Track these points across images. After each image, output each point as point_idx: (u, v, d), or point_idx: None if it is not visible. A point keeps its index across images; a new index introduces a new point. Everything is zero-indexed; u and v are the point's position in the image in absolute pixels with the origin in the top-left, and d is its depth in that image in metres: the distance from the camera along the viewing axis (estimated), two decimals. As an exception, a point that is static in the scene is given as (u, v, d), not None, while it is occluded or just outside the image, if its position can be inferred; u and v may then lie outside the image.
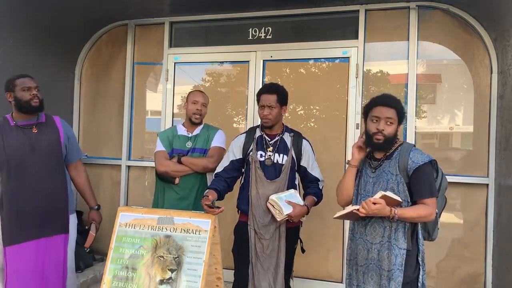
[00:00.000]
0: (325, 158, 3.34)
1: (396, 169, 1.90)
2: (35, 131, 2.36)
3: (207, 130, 2.79)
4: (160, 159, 2.67)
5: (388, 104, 1.94)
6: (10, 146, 2.29)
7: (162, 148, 2.72)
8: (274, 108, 2.38)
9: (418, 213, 1.82)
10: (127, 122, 4.06)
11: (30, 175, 2.30)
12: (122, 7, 3.83)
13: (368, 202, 1.75)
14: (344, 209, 1.94)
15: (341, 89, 3.51)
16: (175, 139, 2.74)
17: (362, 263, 1.96)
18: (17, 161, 2.28)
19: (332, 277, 3.47)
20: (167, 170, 2.62)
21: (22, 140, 2.32)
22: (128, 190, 4.08)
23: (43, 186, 2.33)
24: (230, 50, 3.76)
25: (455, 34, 3.27)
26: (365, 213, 1.78)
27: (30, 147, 2.32)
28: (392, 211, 1.78)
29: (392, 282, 1.82)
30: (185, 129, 2.78)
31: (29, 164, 2.30)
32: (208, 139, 2.74)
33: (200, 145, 2.72)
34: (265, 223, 2.31)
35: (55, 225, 2.37)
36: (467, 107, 3.31)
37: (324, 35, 3.55)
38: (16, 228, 2.24)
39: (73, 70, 4.20)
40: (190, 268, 2.01)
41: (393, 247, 1.85)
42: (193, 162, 2.62)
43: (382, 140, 1.91)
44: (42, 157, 2.34)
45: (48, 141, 2.39)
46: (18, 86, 2.33)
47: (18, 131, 2.34)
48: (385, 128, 1.90)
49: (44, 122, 2.45)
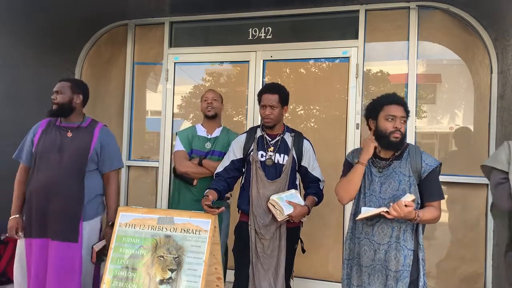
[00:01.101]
0: (325, 158, 3.33)
1: (409, 170, 1.90)
2: (69, 135, 2.39)
3: (227, 134, 2.80)
4: (181, 159, 2.68)
5: (401, 103, 1.96)
6: (43, 144, 2.36)
7: (182, 148, 2.73)
8: (275, 108, 2.38)
9: (433, 216, 1.86)
10: (127, 122, 4.06)
11: (49, 176, 2.30)
12: (122, 7, 3.83)
13: (400, 205, 1.74)
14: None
15: (341, 89, 3.51)
16: (195, 139, 2.75)
17: (368, 264, 1.95)
18: (43, 159, 2.33)
19: (333, 277, 3.47)
20: (187, 171, 2.64)
21: (53, 141, 2.36)
22: (128, 190, 4.08)
23: (58, 190, 2.30)
24: (230, 50, 3.76)
25: (455, 34, 3.28)
26: (395, 216, 1.77)
27: (58, 149, 2.34)
28: (416, 214, 1.79)
29: (400, 283, 1.83)
30: (205, 129, 2.80)
31: (52, 165, 2.31)
32: (228, 143, 2.72)
33: (219, 148, 2.73)
34: (265, 223, 2.31)
35: (59, 231, 2.30)
36: (467, 107, 3.31)
37: (324, 35, 3.55)
38: (29, 223, 2.32)
39: (73, 70, 4.20)
40: (190, 268, 2.01)
41: (402, 248, 1.85)
42: (214, 166, 2.60)
43: (399, 139, 1.91)
44: (66, 161, 2.33)
45: (76, 146, 2.37)
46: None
47: (56, 131, 2.40)
48: (401, 126, 1.92)
49: (85, 127, 2.45)
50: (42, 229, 2.31)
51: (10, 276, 3.27)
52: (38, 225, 2.30)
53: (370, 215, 1.88)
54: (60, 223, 2.30)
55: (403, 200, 1.76)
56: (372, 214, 1.87)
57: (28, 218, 2.34)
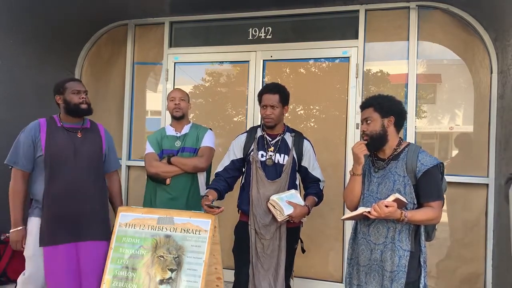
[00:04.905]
0: (325, 158, 3.33)
1: (404, 170, 1.89)
2: (80, 135, 2.37)
3: (196, 130, 2.78)
4: (150, 161, 2.66)
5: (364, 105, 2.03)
6: (55, 146, 2.28)
7: (151, 150, 2.72)
8: (276, 108, 2.38)
9: (427, 216, 1.83)
10: (127, 122, 4.06)
11: (71, 178, 2.28)
12: (122, 7, 3.83)
13: (380, 205, 1.74)
14: (351, 211, 1.94)
15: (341, 89, 3.51)
16: (164, 140, 2.74)
17: (365, 263, 1.96)
18: (60, 162, 2.26)
19: (333, 277, 3.47)
20: (157, 171, 2.61)
21: (67, 142, 2.31)
22: (128, 190, 4.08)
23: (84, 191, 2.30)
24: (230, 50, 3.76)
25: (455, 34, 3.28)
26: (376, 216, 1.76)
27: (74, 150, 2.31)
28: (403, 214, 1.78)
29: (395, 284, 1.82)
30: (173, 128, 2.78)
31: (72, 167, 2.28)
32: (198, 139, 2.73)
33: (189, 144, 2.71)
34: (265, 223, 2.31)
35: (94, 232, 2.32)
36: (467, 107, 3.31)
37: (324, 35, 3.55)
38: (52, 229, 2.22)
39: (73, 70, 4.20)
40: (190, 268, 2.01)
41: (397, 248, 1.85)
42: (183, 162, 2.60)
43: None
44: (85, 162, 2.33)
45: (91, 147, 2.39)
46: (68, 89, 2.34)
47: (64, 133, 2.34)
48: (366, 128, 1.97)
49: (89, 128, 2.46)
50: (71, 234, 2.25)
51: (10, 276, 3.27)
52: (65, 230, 2.24)
53: (353, 215, 1.89)
54: (94, 224, 2.32)
55: (385, 200, 1.76)
56: (356, 215, 1.88)
57: (50, 225, 2.21)
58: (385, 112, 1.95)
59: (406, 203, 1.82)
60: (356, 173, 2.00)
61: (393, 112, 1.96)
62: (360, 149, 1.94)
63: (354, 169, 2.00)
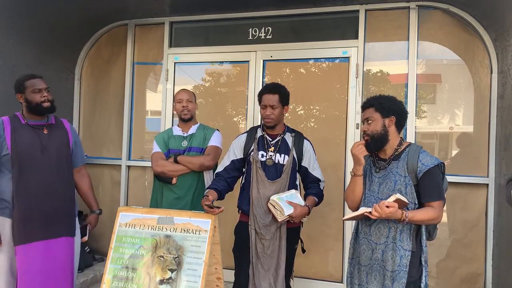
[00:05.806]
0: (325, 158, 3.33)
1: (405, 170, 1.89)
2: (46, 132, 2.36)
3: (204, 130, 2.79)
4: (156, 160, 2.67)
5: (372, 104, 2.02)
6: (22, 144, 2.26)
7: (158, 149, 2.72)
8: (276, 108, 2.38)
9: (428, 216, 1.83)
10: (127, 122, 4.06)
11: (40, 175, 2.29)
12: (122, 7, 3.83)
13: (381, 206, 1.74)
14: (353, 212, 1.94)
15: (341, 89, 3.51)
16: (171, 140, 2.74)
17: (366, 263, 1.96)
18: (28, 160, 2.26)
19: (333, 277, 3.47)
20: (164, 170, 2.62)
21: (33, 140, 2.30)
22: (128, 190, 4.08)
23: (53, 188, 2.32)
24: (230, 50, 3.76)
25: (455, 34, 3.28)
26: (377, 216, 1.77)
27: (41, 147, 2.31)
28: (403, 214, 1.78)
29: (396, 283, 1.82)
30: (180, 129, 2.79)
31: (40, 164, 2.29)
32: (205, 139, 2.73)
33: (196, 144, 2.72)
34: (266, 223, 2.31)
35: (63, 227, 2.36)
36: (467, 107, 3.31)
37: (324, 35, 3.55)
38: (25, 227, 2.22)
39: (73, 70, 4.20)
40: (190, 268, 2.01)
41: (398, 248, 1.85)
42: (189, 160, 2.61)
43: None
44: (52, 159, 2.34)
45: (58, 143, 2.39)
46: (28, 87, 2.32)
47: (30, 130, 2.32)
48: (367, 128, 1.98)
49: (55, 124, 2.45)
50: (45, 230, 2.28)
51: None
52: (39, 227, 2.26)
53: (354, 216, 1.89)
54: (63, 220, 2.36)
55: (386, 200, 1.76)
56: (357, 215, 1.88)
57: (23, 223, 2.21)
58: (386, 112, 1.96)
59: (407, 203, 1.82)
60: (356, 174, 2.00)
61: (394, 112, 1.97)
62: (359, 150, 1.94)
63: (355, 170, 2.00)
